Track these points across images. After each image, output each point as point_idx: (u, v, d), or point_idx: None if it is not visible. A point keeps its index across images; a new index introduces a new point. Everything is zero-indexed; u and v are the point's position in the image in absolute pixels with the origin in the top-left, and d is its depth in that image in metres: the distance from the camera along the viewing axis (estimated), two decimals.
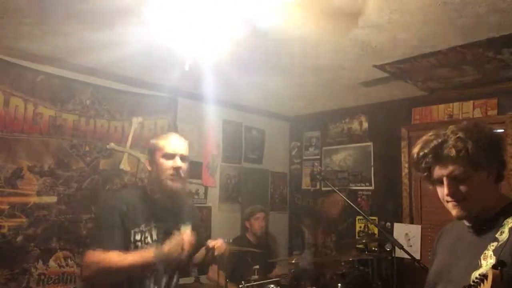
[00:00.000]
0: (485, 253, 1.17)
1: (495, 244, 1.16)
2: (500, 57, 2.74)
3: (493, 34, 2.40)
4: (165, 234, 1.82)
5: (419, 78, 3.27)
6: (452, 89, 3.51)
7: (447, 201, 1.27)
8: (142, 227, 1.80)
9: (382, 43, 2.59)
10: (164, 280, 1.87)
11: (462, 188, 1.22)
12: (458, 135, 1.22)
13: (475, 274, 1.14)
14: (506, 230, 1.17)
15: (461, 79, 3.25)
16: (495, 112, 3.40)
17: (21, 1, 2.13)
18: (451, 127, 1.27)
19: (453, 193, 1.23)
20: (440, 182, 1.26)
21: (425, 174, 1.30)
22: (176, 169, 1.83)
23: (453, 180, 1.23)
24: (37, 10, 2.22)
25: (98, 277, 1.68)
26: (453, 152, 1.20)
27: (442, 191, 1.26)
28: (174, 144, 1.89)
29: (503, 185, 1.42)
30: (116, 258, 1.67)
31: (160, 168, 1.84)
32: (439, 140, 1.24)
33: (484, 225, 1.25)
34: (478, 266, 1.16)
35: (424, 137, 1.31)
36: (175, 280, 1.96)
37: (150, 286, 1.81)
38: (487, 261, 1.15)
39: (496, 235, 1.18)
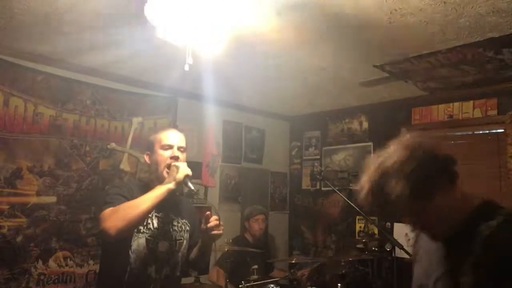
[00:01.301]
0: (463, 269, 1.07)
1: (471, 258, 1.06)
2: (500, 57, 2.74)
3: (493, 34, 2.39)
4: (164, 224, 1.91)
5: (419, 78, 3.27)
6: (452, 89, 3.51)
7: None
8: None
9: (382, 43, 2.59)
10: (165, 270, 1.89)
11: (419, 223, 1.17)
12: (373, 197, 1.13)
13: None
14: (479, 241, 1.05)
15: (461, 79, 3.25)
16: (495, 112, 3.39)
17: (22, 2, 2.13)
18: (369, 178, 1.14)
19: (412, 230, 1.22)
20: None
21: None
22: (174, 158, 1.88)
23: (405, 220, 1.19)
24: (37, 10, 2.22)
25: (120, 222, 1.65)
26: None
27: None
28: (172, 136, 1.95)
29: (503, 185, 1.39)
30: (132, 202, 1.71)
31: (158, 159, 1.89)
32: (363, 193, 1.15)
33: (456, 238, 1.12)
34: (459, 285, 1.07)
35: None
36: (178, 273, 1.97)
37: (152, 274, 1.84)
38: (466, 278, 1.06)
39: (471, 247, 1.07)
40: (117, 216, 1.66)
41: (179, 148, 1.92)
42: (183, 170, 1.80)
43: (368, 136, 4.24)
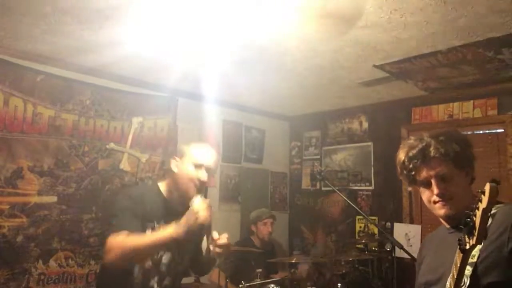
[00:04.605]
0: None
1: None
2: (500, 57, 2.74)
3: (493, 34, 2.40)
4: None
5: (419, 78, 3.27)
6: (452, 89, 3.51)
7: (435, 202, 1.33)
8: (155, 223, 1.82)
9: (382, 43, 2.59)
10: (167, 280, 1.88)
11: (449, 187, 1.30)
12: (440, 138, 1.32)
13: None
14: None
15: (461, 79, 3.25)
16: (495, 112, 3.40)
17: (22, 2, 2.13)
18: (428, 133, 1.36)
19: (442, 193, 1.30)
20: (427, 184, 1.34)
21: (411, 176, 1.37)
22: (201, 182, 1.84)
23: (441, 180, 1.30)
24: (37, 10, 2.22)
25: (121, 260, 1.68)
26: (440, 152, 1.29)
27: (429, 193, 1.34)
28: (206, 155, 1.89)
29: (503, 186, 1.43)
30: (136, 239, 1.70)
31: (187, 175, 1.84)
32: (423, 144, 1.33)
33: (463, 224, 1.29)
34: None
35: (406, 142, 1.40)
36: (178, 283, 1.97)
37: (154, 286, 1.83)
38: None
39: None
40: (119, 253, 1.67)
41: (207, 169, 1.87)
42: (201, 218, 1.69)
43: (368, 136, 4.23)
